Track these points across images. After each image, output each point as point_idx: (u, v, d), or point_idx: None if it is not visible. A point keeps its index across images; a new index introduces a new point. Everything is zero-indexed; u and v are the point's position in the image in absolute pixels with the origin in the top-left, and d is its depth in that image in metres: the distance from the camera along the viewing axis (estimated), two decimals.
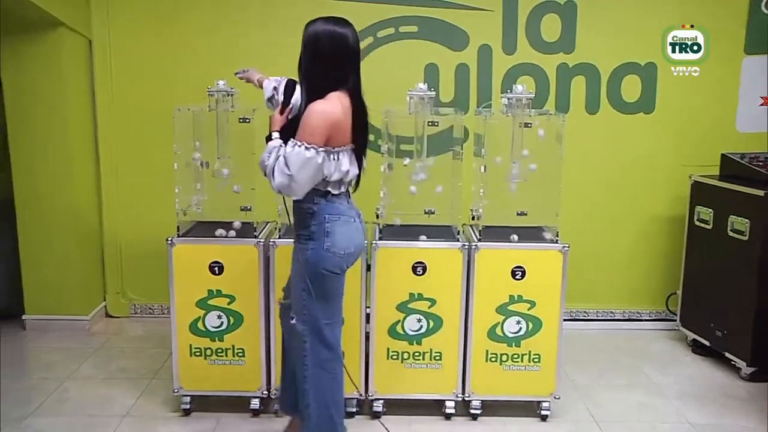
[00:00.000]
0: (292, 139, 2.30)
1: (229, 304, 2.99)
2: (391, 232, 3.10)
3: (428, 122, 3.05)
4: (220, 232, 3.03)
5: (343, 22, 2.38)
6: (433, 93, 3.03)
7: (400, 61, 3.99)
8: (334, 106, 2.32)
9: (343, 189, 2.47)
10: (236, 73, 2.98)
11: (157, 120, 3.91)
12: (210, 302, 2.99)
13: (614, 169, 4.14)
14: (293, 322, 2.51)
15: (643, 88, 4.05)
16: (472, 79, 4.04)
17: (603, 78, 4.04)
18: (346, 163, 2.42)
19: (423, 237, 3.03)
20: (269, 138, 2.41)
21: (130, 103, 4.05)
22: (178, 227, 3.05)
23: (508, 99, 3.08)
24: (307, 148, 2.26)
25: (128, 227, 4.16)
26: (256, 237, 2.99)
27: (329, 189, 2.42)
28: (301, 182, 2.28)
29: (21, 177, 3.87)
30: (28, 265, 3.95)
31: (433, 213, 3.14)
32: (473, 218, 3.19)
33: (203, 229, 3.12)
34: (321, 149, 2.29)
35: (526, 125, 3.05)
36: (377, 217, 3.11)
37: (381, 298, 2.99)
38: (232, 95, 3.04)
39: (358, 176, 2.53)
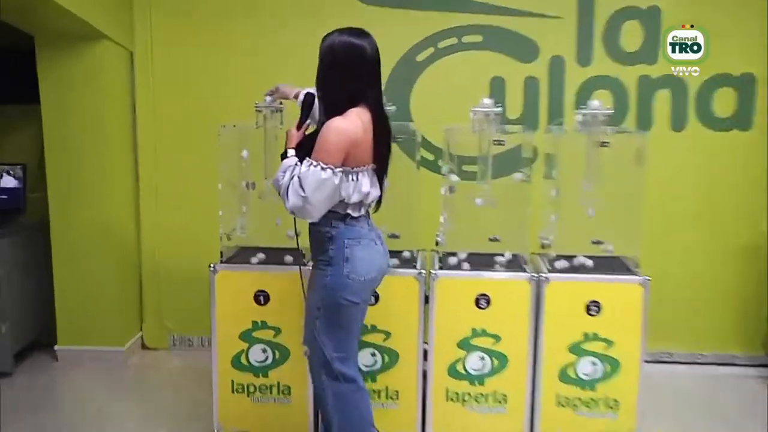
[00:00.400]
0: (307, 159, 2.38)
1: (274, 336, 3.09)
2: (452, 261, 3.16)
3: (494, 141, 3.10)
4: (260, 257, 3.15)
5: (360, 33, 2.46)
6: (500, 109, 3.08)
7: (463, 74, 4.07)
8: (352, 123, 2.39)
9: (363, 211, 2.55)
10: (267, 95, 3.10)
11: (200, 137, 4.11)
12: (254, 334, 3.09)
13: (703, 192, 4.10)
14: (306, 355, 2.61)
15: (738, 101, 4.02)
16: (543, 94, 4.08)
17: (691, 91, 4.03)
18: (366, 184, 2.49)
19: (498, 265, 3.08)
20: (284, 155, 2.50)
21: (173, 119, 4.24)
22: (221, 253, 3.18)
23: (583, 115, 3.10)
24: (323, 168, 2.33)
25: (168, 252, 4.32)
26: (305, 265, 3.07)
27: (349, 212, 2.50)
28: (316, 204, 2.35)
29: (57, 197, 4.07)
30: (61, 291, 4.13)
31: (498, 241, 3.18)
32: (543, 247, 3.21)
33: (248, 255, 3.24)
34: (338, 169, 2.37)
35: (603, 144, 3.07)
36: (437, 244, 3.17)
37: (440, 334, 3.04)
38: (281, 111, 3.15)
39: (380, 197, 2.61)
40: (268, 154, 3.16)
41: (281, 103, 3.13)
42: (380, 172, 2.56)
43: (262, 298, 3.06)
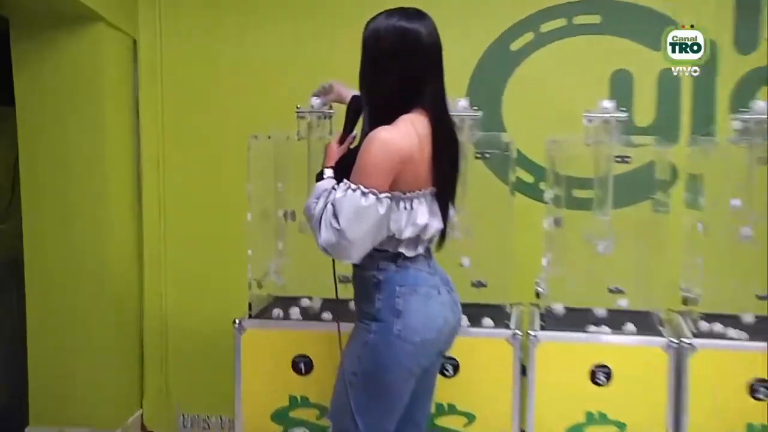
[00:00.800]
0: (345, 181, 2.42)
1: (318, 418, 3.17)
2: (558, 318, 3.23)
3: (615, 157, 3.15)
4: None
5: (414, 14, 2.50)
6: (625, 114, 3.14)
7: (573, 68, 4.10)
8: (404, 133, 2.43)
9: (420, 249, 2.57)
10: (316, 95, 3.20)
11: (221, 151, 4.24)
12: (292, 414, 3.19)
13: None
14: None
15: None
16: (685, 93, 4.07)
17: None
18: (423, 214, 2.52)
19: (605, 327, 3.13)
20: (320, 176, 2.57)
21: (186, 127, 4.37)
22: (249, 305, 3.30)
23: (743, 122, 3.12)
24: (363, 193, 2.36)
25: (179, 303, 4.43)
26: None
27: (401, 250, 2.53)
28: (354, 240, 2.37)
29: (33, 230, 4.19)
30: (36, 355, 4.23)
31: (622, 292, 3.21)
32: (685, 302, 3.22)
33: (286, 308, 3.35)
34: (384, 195, 2.39)
35: None
36: (537, 296, 3.24)
37: (543, 418, 3.08)
38: (330, 117, 3.26)
39: (444, 231, 2.64)
40: (313, 175, 3.21)
41: (331, 107, 3.23)
42: (443, 197, 2.59)
43: (303, 365, 3.15)
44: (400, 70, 2.47)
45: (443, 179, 2.56)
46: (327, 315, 3.28)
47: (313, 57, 4.23)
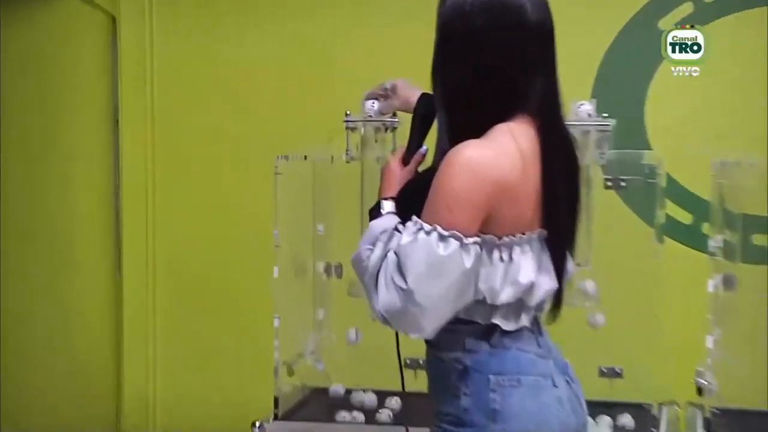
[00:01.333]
0: (413, 219, 2.35)
1: None
2: (733, 426, 3.18)
3: None
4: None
5: None
6: None
7: (752, 54, 4.05)
8: (500, 150, 2.35)
9: (525, 320, 2.50)
10: (372, 98, 3.19)
11: (236, 173, 4.32)
12: None
13: None
14: None
15: None
16: None
17: None
18: (528, 268, 2.44)
19: None
20: (376, 212, 2.52)
21: (186, 138, 4.48)
22: (276, 400, 3.30)
23: None
24: (441, 237, 2.29)
25: (172, 394, 4.50)
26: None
27: (496, 321, 2.46)
28: (427, 306, 2.31)
29: None
30: None
31: None
32: None
33: (327, 405, 3.37)
34: (470, 240, 2.32)
35: None
36: (699, 392, 3.20)
37: None
38: (395, 129, 3.27)
39: (559, 293, 2.56)
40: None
41: (395, 115, 3.24)
42: (558, 244, 2.52)
43: None
44: (493, 59, 2.41)
45: (557, 218, 2.48)
46: (388, 415, 3.28)
47: (348, 60, 4.31)
